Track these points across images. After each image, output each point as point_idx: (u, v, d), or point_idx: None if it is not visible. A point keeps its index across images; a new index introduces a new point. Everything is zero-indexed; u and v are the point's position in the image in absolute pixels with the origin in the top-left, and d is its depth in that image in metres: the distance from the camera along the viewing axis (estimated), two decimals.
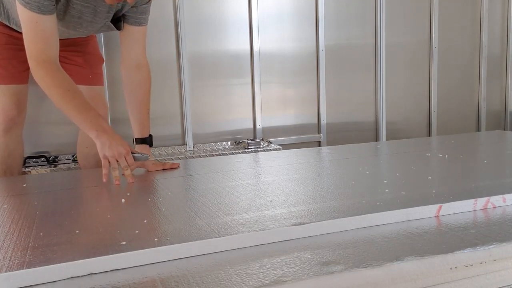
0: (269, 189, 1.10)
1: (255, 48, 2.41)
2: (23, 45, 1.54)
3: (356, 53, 2.67)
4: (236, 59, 2.40)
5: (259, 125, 2.46)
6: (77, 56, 1.77)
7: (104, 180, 1.30)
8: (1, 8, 1.65)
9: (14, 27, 1.65)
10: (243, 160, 1.61)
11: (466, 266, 0.66)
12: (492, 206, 0.88)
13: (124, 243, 0.74)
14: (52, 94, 1.36)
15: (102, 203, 1.06)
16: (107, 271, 0.64)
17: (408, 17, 2.77)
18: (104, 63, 2.06)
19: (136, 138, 1.56)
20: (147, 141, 1.57)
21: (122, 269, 0.64)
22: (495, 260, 0.67)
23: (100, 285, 0.59)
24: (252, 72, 2.43)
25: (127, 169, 1.31)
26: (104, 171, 1.31)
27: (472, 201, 0.87)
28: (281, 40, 2.49)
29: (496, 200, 0.88)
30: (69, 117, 1.36)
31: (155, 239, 0.75)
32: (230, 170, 1.39)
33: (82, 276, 0.62)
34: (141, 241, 0.74)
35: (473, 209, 0.86)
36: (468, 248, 0.67)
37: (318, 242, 0.72)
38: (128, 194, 1.12)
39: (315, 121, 2.60)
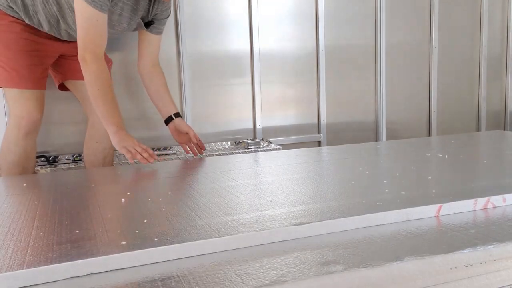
0: (269, 189, 1.10)
1: (255, 48, 2.41)
2: (47, 50, 1.62)
3: (356, 53, 2.67)
4: (236, 59, 2.40)
5: (259, 125, 2.46)
6: None
7: (131, 161, 1.60)
8: (30, 13, 1.70)
9: (42, 29, 1.73)
10: (243, 160, 1.61)
11: (466, 266, 0.66)
12: (492, 206, 0.88)
13: (124, 243, 0.74)
14: (94, 86, 1.58)
15: (102, 203, 1.06)
16: (107, 271, 0.64)
17: (408, 17, 2.77)
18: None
19: (174, 114, 1.87)
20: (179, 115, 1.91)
21: (122, 269, 0.64)
22: (495, 260, 0.67)
23: (100, 285, 0.59)
24: (252, 72, 2.43)
25: (145, 153, 1.57)
26: (128, 155, 1.58)
27: (472, 201, 0.87)
28: (281, 40, 2.49)
29: (496, 200, 0.88)
30: (97, 108, 1.60)
31: (155, 239, 0.75)
32: (230, 170, 1.39)
33: (82, 276, 0.62)
34: (141, 241, 0.74)
35: (473, 209, 0.86)
36: (468, 248, 0.67)
37: (318, 242, 0.72)
38: (128, 193, 1.12)
39: (315, 121, 2.60)
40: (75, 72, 1.87)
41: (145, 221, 0.87)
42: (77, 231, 0.82)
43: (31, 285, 0.60)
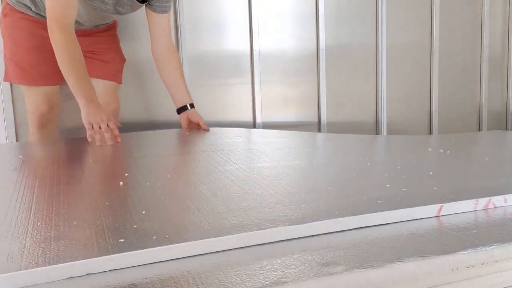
0: (267, 179, 1.06)
1: (255, 47, 2.40)
2: (49, 44, 1.60)
3: (357, 53, 2.66)
4: (236, 59, 2.40)
5: (259, 125, 2.46)
6: (104, 54, 1.91)
7: (89, 139, 1.49)
8: (36, 0, 1.70)
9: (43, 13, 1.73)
10: (242, 137, 1.57)
11: (468, 267, 0.65)
12: (493, 206, 0.87)
13: (122, 240, 0.73)
14: (61, 57, 1.53)
15: (100, 186, 1.03)
16: (106, 271, 0.63)
17: (409, 16, 2.77)
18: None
19: (189, 104, 1.86)
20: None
21: (121, 269, 0.64)
22: (496, 261, 0.67)
23: (100, 285, 0.59)
24: (252, 71, 2.42)
25: (107, 132, 1.49)
26: (88, 132, 1.50)
27: (473, 201, 0.86)
28: (281, 40, 2.48)
29: (498, 200, 0.88)
30: (67, 79, 1.54)
31: (154, 237, 0.74)
32: (231, 150, 1.35)
33: (80, 276, 0.62)
34: (140, 239, 0.73)
35: (474, 210, 0.86)
36: (470, 249, 0.66)
37: (319, 243, 0.72)
38: (126, 175, 1.10)
39: (316, 120, 2.60)
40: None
41: (144, 212, 0.85)
42: (74, 222, 0.81)
43: (29, 286, 0.60)
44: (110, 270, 0.63)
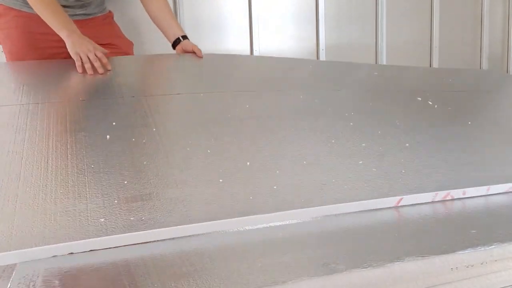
0: (245, 144, 1.02)
1: (255, 48, 2.41)
2: (57, 41, 1.59)
3: (357, 53, 2.67)
4: None
5: None
6: (110, 42, 1.87)
7: (80, 71, 1.48)
8: None
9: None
10: (236, 68, 1.55)
11: (467, 267, 0.66)
12: (451, 198, 0.86)
13: (102, 219, 0.72)
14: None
15: (88, 139, 0.99)
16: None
17: (408, 16, 2.77)
18: None
19: (182, 36, 1.84)
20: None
21: (113, 262, 0.64)
22: (496, 261, 0.67)
23: (101, 282, 0.59)
24: None
25: (96, 61, 1.48)
26: (77, 63, 1.49)
27: (432, 194, 0.84)
28: (281, 40, 2.48)
29: (456, 193, 0.86)
30: (42, 15, 1.55)
31: (131, 218, 0.72)
32: (220, 91, 1.30)
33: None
34: (119, 216, 0.72)
35: (432, 201, 0.84)
36: (469, 249, 0.67)
37: (319, 242, 0.72)
38: (114, 123, 1.06)
39: None
40: None
41: (125, 182, 0.82)
42: (60, 191, 0.79)
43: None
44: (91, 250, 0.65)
